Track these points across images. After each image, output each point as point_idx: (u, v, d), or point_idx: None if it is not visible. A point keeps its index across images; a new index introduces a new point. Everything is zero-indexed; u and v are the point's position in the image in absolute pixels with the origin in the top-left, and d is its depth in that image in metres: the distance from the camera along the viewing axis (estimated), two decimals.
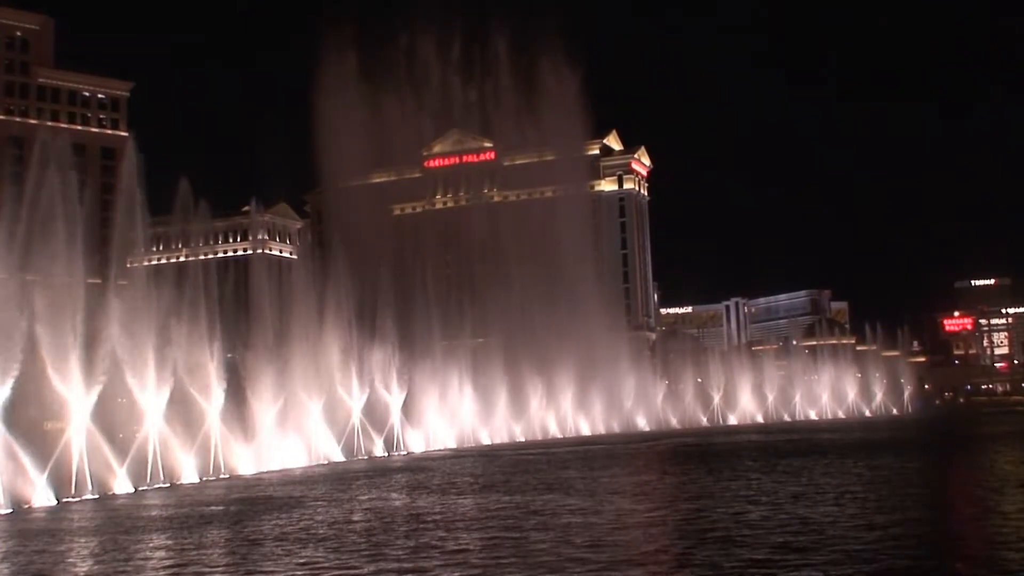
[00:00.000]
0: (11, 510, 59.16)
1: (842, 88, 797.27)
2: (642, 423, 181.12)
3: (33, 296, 68.49)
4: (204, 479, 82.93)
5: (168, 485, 77.32)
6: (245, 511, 56.17)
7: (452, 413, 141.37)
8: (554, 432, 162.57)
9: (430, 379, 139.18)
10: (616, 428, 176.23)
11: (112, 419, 74.94)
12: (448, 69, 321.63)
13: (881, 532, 40.22)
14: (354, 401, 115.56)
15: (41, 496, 63.38)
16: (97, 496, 68.13)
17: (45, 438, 69.92)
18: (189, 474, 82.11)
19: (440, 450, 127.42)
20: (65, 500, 65.10)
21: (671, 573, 33.43)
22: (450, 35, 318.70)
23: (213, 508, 58.57)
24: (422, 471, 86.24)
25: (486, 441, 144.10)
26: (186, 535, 46.17)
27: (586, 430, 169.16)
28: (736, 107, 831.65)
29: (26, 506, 61.59)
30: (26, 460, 62.52)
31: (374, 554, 38.67)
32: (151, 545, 43.74)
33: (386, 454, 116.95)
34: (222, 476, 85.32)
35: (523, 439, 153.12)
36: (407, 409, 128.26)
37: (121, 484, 71.87)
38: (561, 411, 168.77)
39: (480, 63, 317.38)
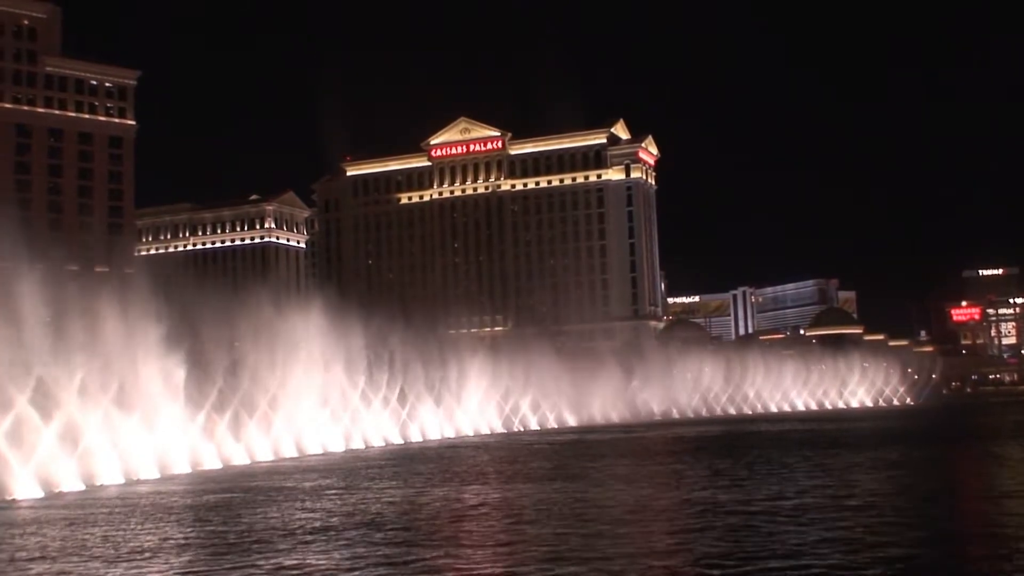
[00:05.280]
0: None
1: (848, 77, 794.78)
2: (629, 413, 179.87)
3: None
4: (226, 466, 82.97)
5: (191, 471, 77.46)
6: (270, 498, 56.10)
7: (460, 401, 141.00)
8: (566, 420, 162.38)
9: (439, 367, 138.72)
10: (628, 416, 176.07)
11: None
12: (456, 58, 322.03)
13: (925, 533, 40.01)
14: (365, 387, 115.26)
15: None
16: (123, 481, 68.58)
17: None
18: (211, 461, 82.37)
19: (454, 438, 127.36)
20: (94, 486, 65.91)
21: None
22: (458, 24, 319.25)
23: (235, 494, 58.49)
24: (441, 459, 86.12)
25: (500, 429, 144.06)
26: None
27: (597, 418, 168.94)
28: (743, 96, 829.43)
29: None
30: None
31: (401, 543, 38.51)
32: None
33: (402, 441, 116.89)
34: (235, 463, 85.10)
35: (538, 427, 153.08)
36: (420, 396, 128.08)
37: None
38: (569, 399, 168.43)
39: (488, 52, 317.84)
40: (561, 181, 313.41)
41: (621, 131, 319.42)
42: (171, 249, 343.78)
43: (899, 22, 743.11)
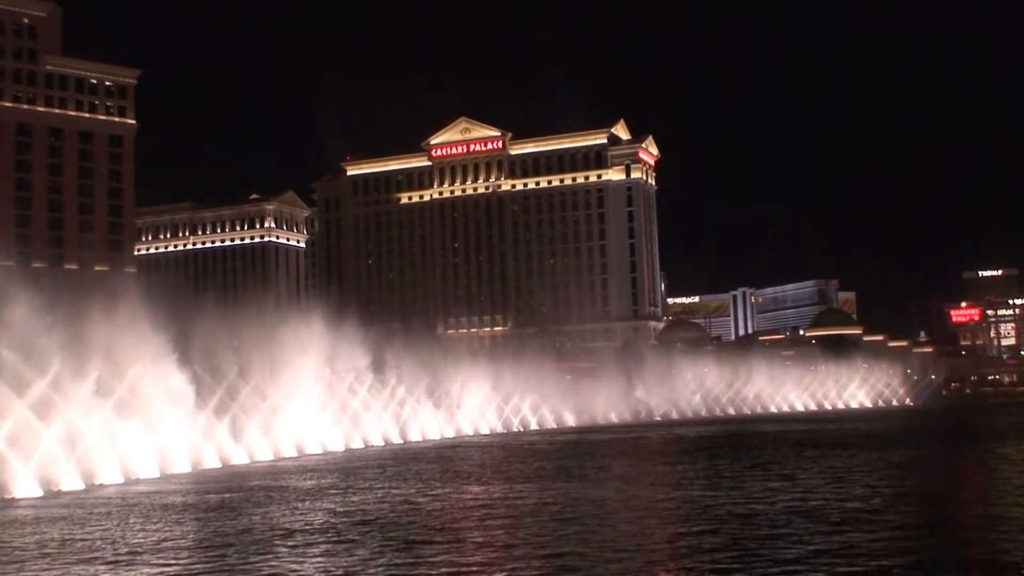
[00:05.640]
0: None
1: (848, 78, 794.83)
2: (629, 413, 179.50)
3: None
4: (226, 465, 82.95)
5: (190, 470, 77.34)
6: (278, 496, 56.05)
7: (459, 402, 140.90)
8: (566, 420, 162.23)
9: (439, 367, 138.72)
10: (629, 416, 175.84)
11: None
12: (456, 58, 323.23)
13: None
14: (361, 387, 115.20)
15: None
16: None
17: None
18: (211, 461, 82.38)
19: (453, 437, 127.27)
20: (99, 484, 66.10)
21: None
22: (459, 24, 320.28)
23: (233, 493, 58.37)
24: (442, 459, 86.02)
25: (500, 429, 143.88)
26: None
27: (598, 419, 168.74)
28: (744, 96, 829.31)
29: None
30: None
31: (392, 545, 38.42)
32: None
33: (401, 441, 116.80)
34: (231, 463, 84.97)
35: (537, 428, 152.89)
36: (420, 397, 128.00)
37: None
38: (569, 399, 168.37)
39: (489, 52, 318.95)
40: (561, 181, 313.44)
41: (621, 131, 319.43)
42: (171, 248, 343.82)
43: (898, 23, 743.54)
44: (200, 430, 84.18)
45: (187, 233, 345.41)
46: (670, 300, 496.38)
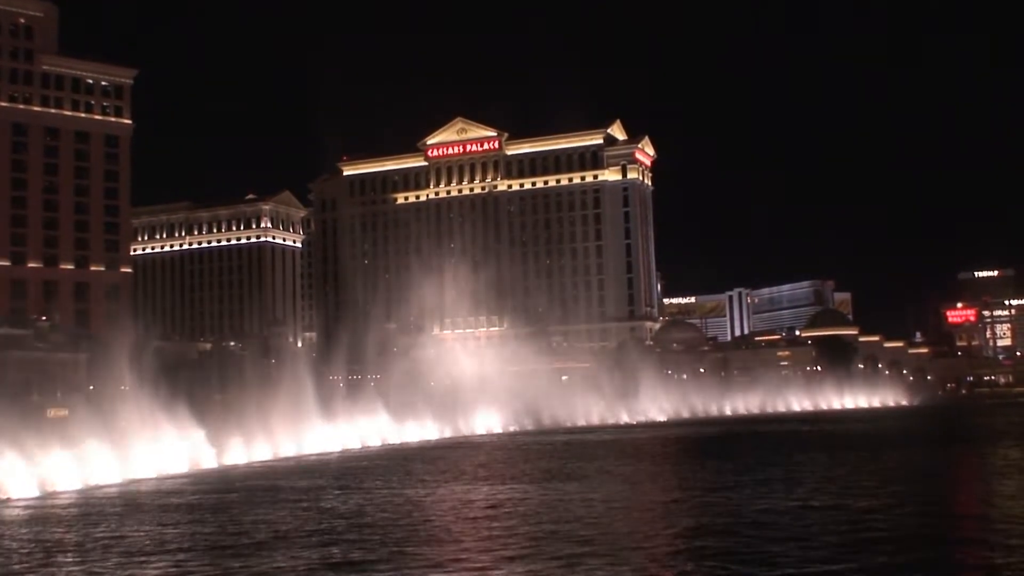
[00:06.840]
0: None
1: (846, 79, 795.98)
2: (627, 414, 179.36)
3: None
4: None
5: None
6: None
7: (456, 402, 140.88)
8: (563, 421, 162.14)
9: (435, 368, 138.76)
10: (627, 416, 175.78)
11: None
12: (454, 58, 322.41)
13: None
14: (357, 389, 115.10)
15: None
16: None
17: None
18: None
19: (449, 438, 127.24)
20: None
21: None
22: (456, 25, 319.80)
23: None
24: (439, 460, 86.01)
25: (497, 430, 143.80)
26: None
27: (595, 419, 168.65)
28: (741, 97, 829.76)
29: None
30: None
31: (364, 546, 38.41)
32: None
33: (399, 442, 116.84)
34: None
35: (534, 428, 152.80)
36: (417, 397, 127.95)
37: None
38: (566, 399, 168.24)
39: (486, 52, 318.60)
40: (558, 182, 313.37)
41: (618, 132, 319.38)
42: (167, 248, 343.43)
43: (898, 23, 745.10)
44: (198, 430, 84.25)
45: (183, 233, 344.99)
46: (666, 300, 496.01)
